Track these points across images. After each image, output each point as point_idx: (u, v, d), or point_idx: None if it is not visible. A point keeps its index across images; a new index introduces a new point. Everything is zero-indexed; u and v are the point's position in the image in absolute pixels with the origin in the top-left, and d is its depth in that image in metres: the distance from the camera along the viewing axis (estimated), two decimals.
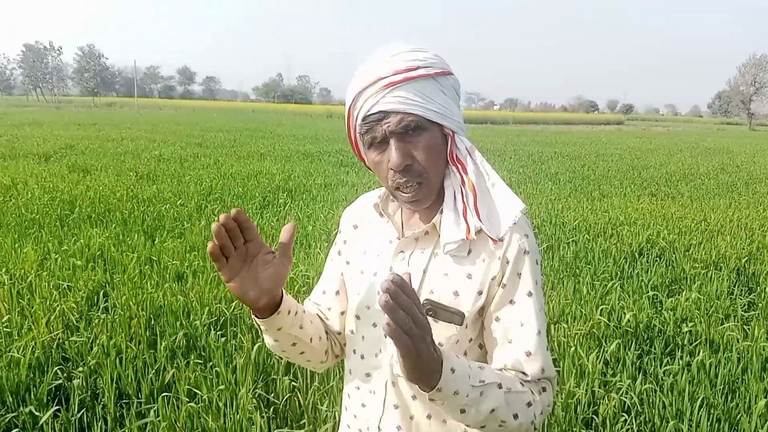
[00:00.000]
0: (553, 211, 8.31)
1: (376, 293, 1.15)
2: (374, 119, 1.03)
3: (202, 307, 4.04)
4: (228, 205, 7.98)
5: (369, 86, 1.03)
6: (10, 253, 5.15)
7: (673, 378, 3.41)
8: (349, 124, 1.10)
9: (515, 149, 21.07)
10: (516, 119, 74.55)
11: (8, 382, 2.96)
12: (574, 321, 4.16)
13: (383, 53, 1.06)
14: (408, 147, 1.04)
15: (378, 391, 1.15)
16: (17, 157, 12.65)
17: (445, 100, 1.07)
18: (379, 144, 1.05)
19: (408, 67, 1.03)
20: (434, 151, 1.06)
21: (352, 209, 1.30)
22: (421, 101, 1.02)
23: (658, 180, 12.60)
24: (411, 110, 1.02)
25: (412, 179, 1.05)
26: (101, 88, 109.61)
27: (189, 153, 14.96)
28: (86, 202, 7.69)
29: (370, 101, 1.03)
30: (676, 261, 5.85)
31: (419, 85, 1.03)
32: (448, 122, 1.07)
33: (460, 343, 1.10)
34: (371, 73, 1.04)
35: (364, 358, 1.18)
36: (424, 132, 1.04)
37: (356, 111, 1.06)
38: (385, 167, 1.07)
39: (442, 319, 1.07)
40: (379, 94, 1.02)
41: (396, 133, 1.03)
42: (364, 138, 1.07)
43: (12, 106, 62.46)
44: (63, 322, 3.74)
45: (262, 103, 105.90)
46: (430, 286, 1.09)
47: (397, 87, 1.02)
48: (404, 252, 1.14)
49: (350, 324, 1.22)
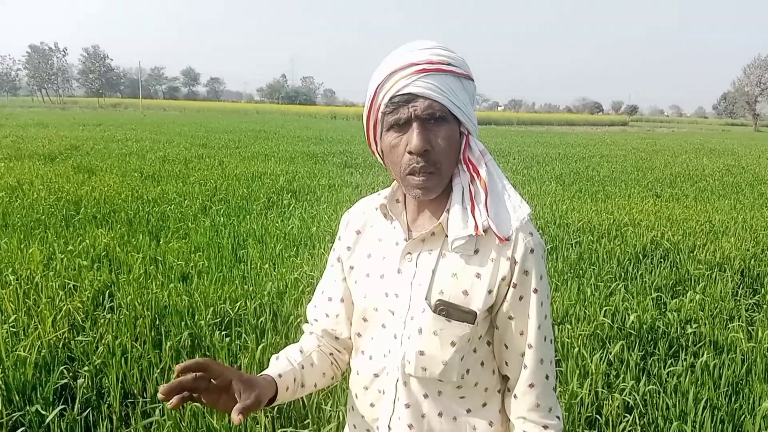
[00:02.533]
0: (557, 212, 8.30)
1: (383, 295, 1.17)
2: (402, 100, 1.05)
3: (206, 307, 4.06)
4: (233, 206, 8.01)
5: (401, 69, 1.05)
6: (16, 253, 5.18)
7: (676, 379, 3.41)
8: (372, 106, 1.11)
9: (519, 150, 21.05)
10: (520, 120, 74.40)
11: (14, 381, 2.98)
12: (578, 322, 4.16)
13: (417, 45, 1.09)
14: (429, 133, 1.06)
15: (388, 390, 1.17)
16: (23, 158, 12.70)
17: (468, 101, 1.10)
18: (401, 126, 1.07)
19: (440, 61, 1.06)
20: (451, 144, 1.08)
21: (353, 214, 1.30)
22: (449, 94, 1.05)
23: (663, 181, 12.58)
24: (439, 99, 1.04)
25: (427, 165, 1.07)
26: (106, 89, 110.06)
27: (193, 154, 15.00)
28: (91, 203, 7.72)
29: (401, 82, 1.04)
30: (681, 262, 5.85)
31: (448, 80, 1.06)
32: (466, 121, 1.09)
33: (472, 341, 1.13)
34: (405, 59, 1.06)
35: (373, 358, 1.20)
36: (446, 123, 1.07)
37: (384, 91, 1.07)
38: (401, 150, 1.08)
39: (456, 318, 1.10)
40: (412, 77, 1.04)
41: (421, 117, 1.05)
42: (387, 118, 1.08)
43: (17, 107, 62.68)
44: (69, 322, 3.76)
45: (266, 104, 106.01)
46: (439, 287, 1.11)
47: (429, 74, 1.04)
48: (411, 254, 1.15)
49: (357, 326, 1.24)
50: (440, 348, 1.10)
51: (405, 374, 1.14)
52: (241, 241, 6.12)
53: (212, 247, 5.78)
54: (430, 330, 1.10)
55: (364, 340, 1.22)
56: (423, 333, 1.11)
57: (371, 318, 1.19)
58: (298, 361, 1.23)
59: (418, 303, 1.11)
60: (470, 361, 1.14)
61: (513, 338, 1.13)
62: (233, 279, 4.78)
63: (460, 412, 1.16)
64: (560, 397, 3.14)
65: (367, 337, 1.21)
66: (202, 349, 3.56)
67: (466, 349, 1.12)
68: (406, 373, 1.13)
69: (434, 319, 1.10)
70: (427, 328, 1.10)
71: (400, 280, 1.15)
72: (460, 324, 1.10)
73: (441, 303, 1.09)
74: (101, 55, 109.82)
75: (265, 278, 4.77)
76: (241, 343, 3.58)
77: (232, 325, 3.87)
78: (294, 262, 5.34)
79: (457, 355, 1.11)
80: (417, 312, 1.11)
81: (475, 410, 1.17)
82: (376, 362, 1.19)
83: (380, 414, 1.19)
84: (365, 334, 1.22)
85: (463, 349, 1.11)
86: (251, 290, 4.47)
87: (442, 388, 1.14)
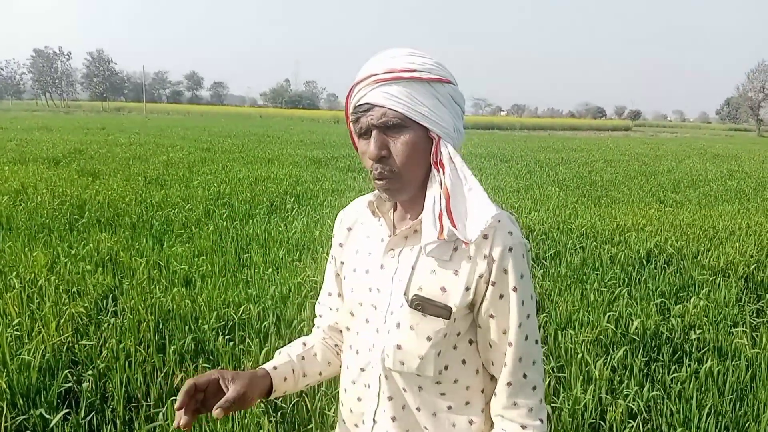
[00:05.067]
0: (560, 217, 8.30)
1: (367, 290, 1.20)
2: (361, 110, 1.10)
3: (210, 311, 4.06)
4: (236, 210, 8.02)
5: (363, 80, 1.10)
6: (21, 257, 5.19)
7: (680, 385, 3.40)
8: (347, 114, 1.17)
9: (522, 155, 21.07)
10: (523, 125, 74.49)
11: (19, 384, 2.99)
12: (581, 328, 4.16)
13: (385, 54, 1.13)
14: (386, 140, 1.10)
15: (372, 384, 1.19)
16: (27, 162, 12.75)
17: (437, 105, 1.10)
18: (364, 134, 1.12)
19: (402, 68, 1.08)
20: (412, 149, 1.10)
21: (345, 212, 1.36)
22: (408, 101, 1.07)
23: (667, 186, 12.57)
24: (394, 107, 1.07)
25: (384, 171, 1.10)
26: (110, 93, 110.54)
27: (197, 158, 15.04)
28: (95, 207, 7.75)
29: (360, 93, 1.10)
30: (685, 268, 5.84)
31: (410, 87, 1.08)
32: (434, 126, 1.10)
33: (449, 337, 1.14)
34: (367, 70, 1.11)
35: (359, 353, 1.23)
36: (405, 130, 1.09)
37: (351, 102, 1.14)
38: (367, 157, 1.12)
39: (430, 313, 1.12)
40: (369, 87, 1.09)
41: (376, 125, 1.09)
42: (354, 127, 1.14)
43: (22, 111, 62.97)
44: (73, 326, 3.77)
45: (270, 108, 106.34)
46: (418, 283, 1.13)
47: (385, 84, 1.08)
48: (394, 250, 1.18)
49: (346, 321, 1.27)
50: (416, 342, 1.12)
51: (385, 368, 1.16)
52: (244, 246, 6.13)
53: (216, 252, 5.79)
54: (407, 324, 1.13)
55: (352, 334, 1.25)
56: (401, 327, 1.13)
57: (357, 313, 1.23)
58: (298, 353, 1.33)
59: (397, 298, 1.14)
60: (449, 358, 1.15)
61: (496, 337, 1.13)
62: (237, 283, 4.78)
63: (441, 408, 1.17)
64: (564, 402, 3.14)
65: (354, 332, 1.24)
66: (206, 354, 3.56)
67: (442, 345, 1.13)
68: (386, 367, 1.16)
69: (411, 314, 1.12)
70: (405, 322, 1.13)
71: (382, 275, 1.18)
72: (435, 319, 1.11)
73: (417, 298, 1.12)
74: (105, 59, 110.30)
75: (269, 282, 4.78)
76: (244, 348, 3.58)
77: (236, 330, 3.87)
78: (297, 266, 5.34)
79: (433, 350, 1.12)
80: (396, 307, 1.14)
81: (457, 408, 1.18)
82: (362, 357, 1.22)
83: (366, 408, 1.22)
84: (352, 328, 1.25)
85: (439, 345, 1.13)
86: (255, 294, 4.47)
87: (422, 383, 1.16)
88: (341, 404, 1.30)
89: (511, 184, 12.08)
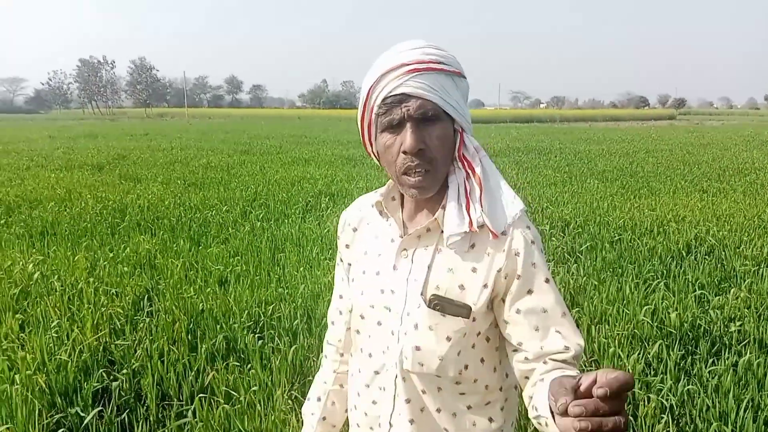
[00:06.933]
0: (598, 210, 8.15)
1: (379, 292, 1.18)
2: (395, 101, 1.05)
3: (241, 310, 4.13)
4: (272, 211, 8.12)
5: (393, 69, 1.05)
6: (63, 261, 5.36)
7: (717, 379, 3.31)
8: (365, 106, 1.12)
9: (561, 147, 20.74)
10: (563, 117, 73.33)
11: (57, 384, 3.09)
12: (615, 322, 4.08)
13: (407, 45, 1.09)
14: (423, 133, 1.06)
15: (388, 387, 1.17)
16: (72, 168, 13.16)
17: (460, 98, 1.10)
18: (395, 127, 1.07)
19: (431, 60, 1.06)
20: (445, 142, 1.09)
21: (349, 212, 1.32)
22: (441, 92, 1.05)
23: (710, 175, 12.20)
24: (431, 98, 1.04)
25: (422, 164, 1.07)
26: (153, 99, 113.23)
27: (236, 160, 15.28)
28: (136, 210, 7.95)
29: (393, 83, 1.05)
30: (726, 258, 5.67)
31: (440, 78, 1.06)
32: (460, 119, 1.09)
33: (468, 336, 1.11)
34: (396, 60, 1.06)
35: (372, 356, 1.20)
36: (439, 122, 1.07)
37: (376, 93, 1.08)
38: (396, 151, 1.08)
39: (450, 312, 1.09)
40: (404, 77, 1.04)
41: (414, 117, 1.05)
42: (381, 120, 1.08)
43: (69, 120, 64.95)
44: (110, 327, 3.87)
45: (308, 109, 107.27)
46: (435, 282, 1.11)
47: (421, 74, 1.04)
48: (407, 250, 1.16)
49: (356, 324, 1.24)
50: (436, 343, 1.10)
51: (403, 370, 1.14)
52: (279, 245, 6.20)
53: (251, 252, 5.88)
54: (426, 325, 1.10)
55: (363, 337, 1.23)
56: (419, 328, 1.11)
57: (368, 315, 1.20)
58: (318, 418, 1.40)
59: (414, 298, 1.12)
60: (468, 357, 1.13)
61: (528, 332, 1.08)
62: (269, 282, 4.84)
63: (461, 409, 1.16)
64: None
65: (365, 335, 1.22)
66: (237, 352, 3.62)
67: (462, 344, 1.11)
68: (404, 369, 1.14)
69: (429, 314, 1.10)
70: (423, 323, 1.10)
71: (395, 276, 1.15)
72: (455, 319, 1.09)
73: (435, 297, 1.09)
74: (147, 66, 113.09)
75: (301, 281, 4.83)
76: (274, 346, 3.63)
77: (266, 328, 3.92)
78: (329, 265, 5.38)
79: (453, 350, 1.10)
80: (413, 308, 1.12)
81: (476, 407, 1.16)
82: (375, 359, 1.19)
83: (382, 411, 1.19)
84: (363, 331, 1.22)
85: (459, 344, 1.10)
86: (286, 293, 4.52)
87: (441, 383, 1.14)
88: (353, 408, 1.28)
89: (548, 177, 11.92)
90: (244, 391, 3.08)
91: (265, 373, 3.25)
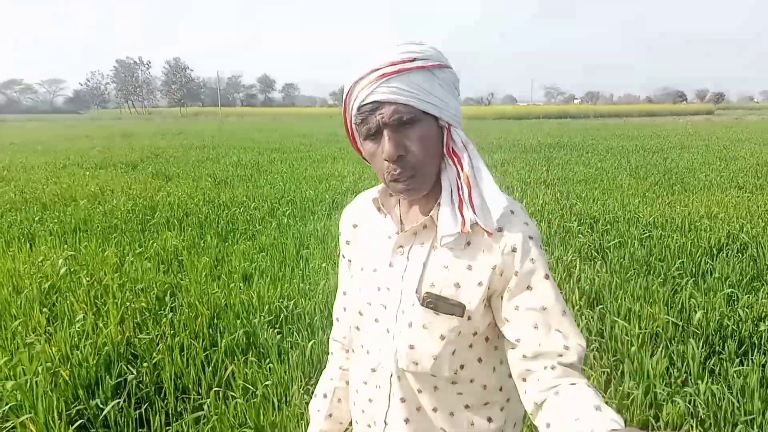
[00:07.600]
0: (629, 206, 8.00)
1: (376, 289, 1.16)
2: (368, 109, 1.03)
3: (262, 305, 4.16)
4: (299, 208, 8.17)
5: (364, 77, 1.03)
6: (93, 257, 5.48)
7: (744, 380, 3.22)
8: (345, 116, 1.10)
9: (593, 143, 20.43)
10: (597, 112, 72.24)
11: (80, 378, 3.15)
12: (639, 320, 4.00)
13: (377, 48, 1.06)
14: (401, 138, 1.03)
15: (383, 385, 1.16)
16: (107, 167, 13.45)
17: (442, 92, 1.05)
18: (374, 135, 1.05)
19: (403, 59, 1.02)
20: (428, 143, 1.05)
21: (350, 209, 1.30)
22: (416, 92, 1.02)
23: (747, 171, 11.88)
24: (405, 101, 1.01)
25: (405, 170, 1.04)
26: (187, 98, 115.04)
27: (266, 158, 15.42)
28: (166, 207, 8.08)
29: (365, 91, 1.02)
30: (760, 256, 5.51)
31: (415, 77, 1.02)
32: (444, 115, 1.05)
33: (463, 335, 1.09)
34: (367, 65, 1.03)
35: (370, 353, 1.19)
36: (418, 123, 1.03)
37: (351, 102, 1.06)
38: (380, 158, 1.06)
39: (443, 311, 1.07)
40: (374, 84, 1.01)
41: (389, 124, 1.02)
42: (360, 129, 1.06)
43: (106, 119, 66.41)
44: (133, 321, 3.94)
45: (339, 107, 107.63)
46: (430, 279, 1.09)
47: (391, 78, 1.01)
48: (403, 247, 1.14)
49: (354, 320, 1.23)
50: (429, 342, 1.08)
51: (398, 369, 1.12)
52: (303, 241, 6.23)
53: (276, 248, 5.92)
54: (420, 323, 1.08)
55: (362, 334, 1.21)
56: (413, 326, 1.09)
57: (365, 312, 1.19)
58: (325, 414, 1.40)
59: (408, 296, 1.10)
60: (464, 357, 1.11)
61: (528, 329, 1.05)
62: (293, 278, 4.87)
63: (458, 408, 1.13)
64: (614, 396, 3.03)
65: (364, 332, 1.20)
66: (258, 347, 3.65)
67: (457, 344, 1.09)
68: (399, 367, 1.12)
69: (423, 313, 1.08)
70: (417, 321, 1.08)
71: (391, 273, 1.14)
72: (449, 317, 1.07)
73: (429, 296, 1.07)
74: (182, 66, 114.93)
75: (323, 277, 4.84)
76: (292, 341, 3.65)
77: (284, 323, 3.94)
78: None
79: (448, 349, 1.08)
80: (408, 305, 1.10)
81: (475, 407, 1.14)
82: (372, 357, 1.18)
83: (377, 409, 1.18)
84: (361, 328, 1.21)
85: (453, 343, 1.08)
86: (307, 288, 4.55)
87: (437, 383, 1.12)
88: (353, 404, 1.27)
89: (578, 174, 11.74)
90: (261, 385, 3.11)
91: (282, 368, 3.27)
